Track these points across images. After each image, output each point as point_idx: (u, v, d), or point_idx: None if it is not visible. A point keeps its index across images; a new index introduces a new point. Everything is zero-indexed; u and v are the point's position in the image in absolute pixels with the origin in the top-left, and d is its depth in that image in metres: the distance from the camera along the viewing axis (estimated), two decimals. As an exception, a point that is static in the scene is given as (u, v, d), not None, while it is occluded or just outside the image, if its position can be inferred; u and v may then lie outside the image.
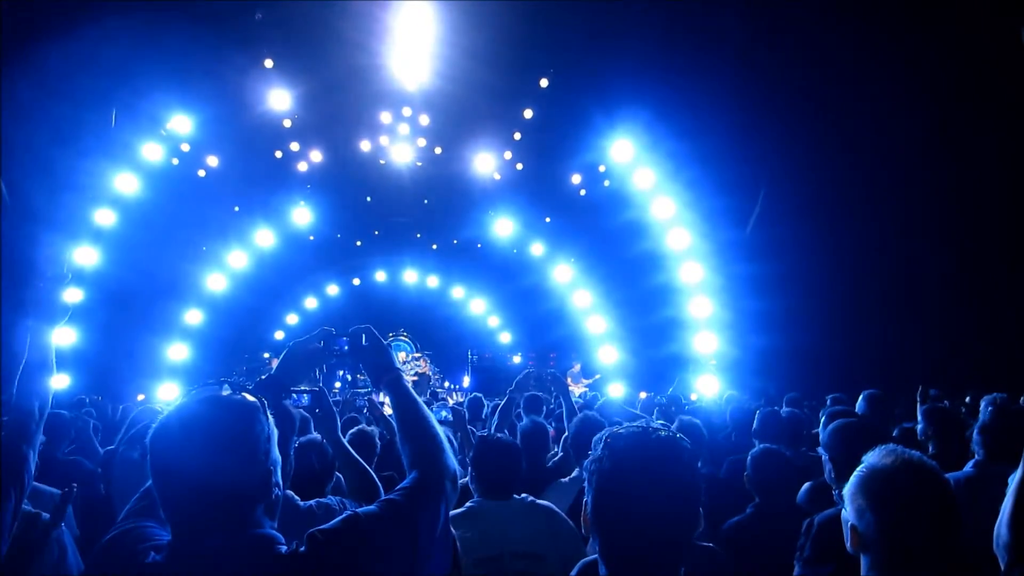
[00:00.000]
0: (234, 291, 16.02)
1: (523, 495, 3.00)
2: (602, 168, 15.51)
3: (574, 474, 3.68)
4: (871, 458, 1.82)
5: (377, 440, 4.16)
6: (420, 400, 1.85)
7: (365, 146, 15.28)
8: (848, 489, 1.82)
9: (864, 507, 1.75)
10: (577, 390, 14.20)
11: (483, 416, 6.63)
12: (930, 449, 3.91)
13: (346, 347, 1.95)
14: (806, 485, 3.49)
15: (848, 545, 1.80)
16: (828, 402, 6.10)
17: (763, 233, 13.20)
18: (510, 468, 3.00)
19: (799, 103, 11.86)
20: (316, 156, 15.32)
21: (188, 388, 1.57)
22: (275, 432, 1.52)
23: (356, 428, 4.09)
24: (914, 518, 1.69)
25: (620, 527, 1.44)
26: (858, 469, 1.83)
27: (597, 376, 14.83)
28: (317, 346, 1.96)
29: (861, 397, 4.60)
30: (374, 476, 2.59)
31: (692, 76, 12.13)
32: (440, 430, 1.77)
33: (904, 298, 11.98)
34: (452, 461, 1.70)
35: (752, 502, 3.40)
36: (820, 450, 2.91)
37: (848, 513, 1.80)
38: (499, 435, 3.21)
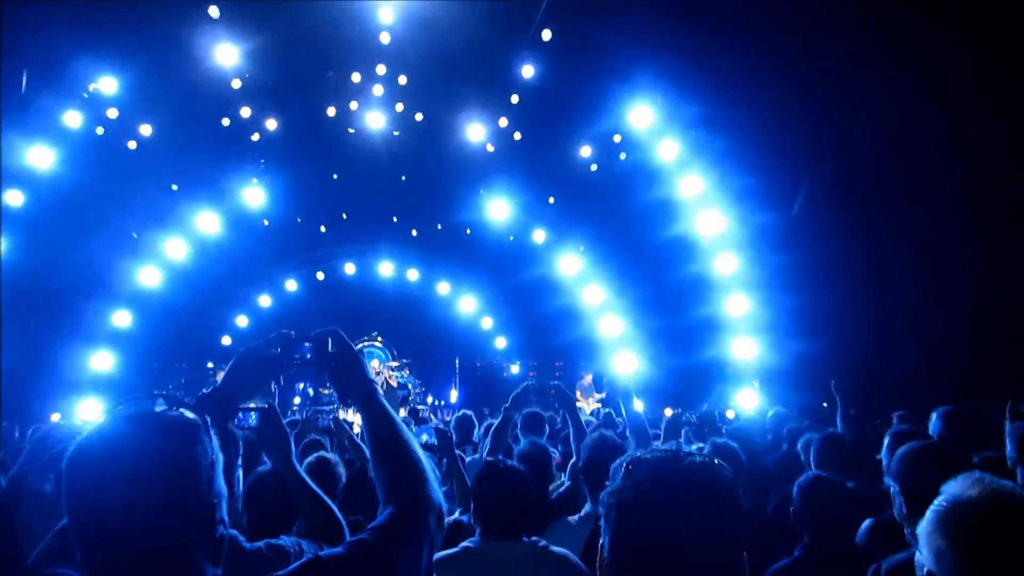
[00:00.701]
0: (171, 287, 15.98)
1: (534, 538, 2.97)
2: (617, 138, 15.49)
3: (585, 509, 3.64)
4: (952, 489, 1.79)
5: (341, 471, 4.12)
6: (398, 419, 1.82)
7: (331, 112, 15.24)
8: (924, 527, 1.80)
9: (944, 549, 1.73)
10: (587, 406, 14.18)
11: (474, 438, 6.62)
12: (1019, 477, 3.88)
13: (308, 354, 1.92)
14: (867, 522, 3.47)
15: (925, 596, 1.77)
16: (894, 421, 6.07)
17: (809, 218, 13.21)
18: (520, 502, 2.97)
19: (848, 65, 11.85)
20: (271, 124, 15.26)
21: (114, 405, 1.54)
22: (220, 457, 1.50)
23: (315, 456, 4.06)
24: (1007, 562, 1.66)
25: (645, 574, 1.41)
26: (936, 503, 1.80)
27: (612, 389, 14.84)
28: (273, 353, 1.93)
29: (935, 415, 4.58)
30: (337, 512, 2.57)
31: (724, 32, 12.12)
32: (423, 456, 1.74)
33: (979, 297, 11.99)
34: (437, 493, 1.68)
35: (801, 543, 3.38)
36: (887, 480, 2.88)
37: (924, 556, 1.78)
38: (509, 460, 3.18)
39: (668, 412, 10.78)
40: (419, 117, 15.50)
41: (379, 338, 19.45)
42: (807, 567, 3.27)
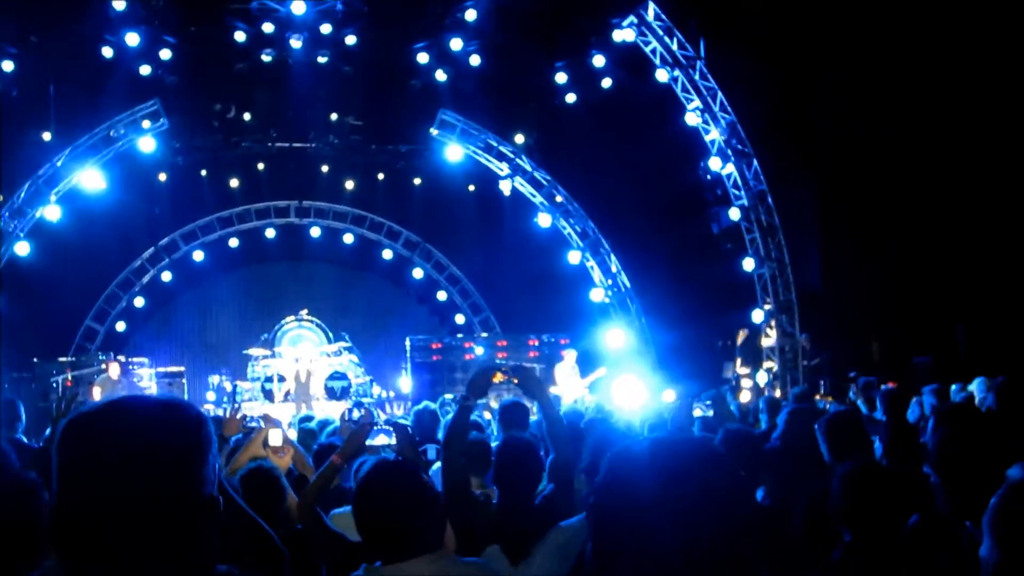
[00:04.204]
0: (45, 260, 15.77)
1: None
2: (600, 61, 15.47)
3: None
4: (1018, 474, 1.91)
5: (285, 483, 4.10)
6: None
7: (240, 37, 15.06)
8: (990, 519, 1.90)
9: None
10: (568, 391, 14.25)
11: (438, 435, 6.67)
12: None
13: None
14: (914, 518, 3.58)
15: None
16: (925, 397, 6.17)
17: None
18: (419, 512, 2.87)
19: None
20: (165, 54, 15.06)
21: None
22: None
23: (254, 464, 4.06)
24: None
25: None
26: (1004, 491, 1.91)
27: (602, 371, 14.89)
28: None
29: (977, 384, 4.64)
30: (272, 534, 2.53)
31: None
32: None
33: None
34: None
35: (841, 542, 3.47)
36: (926, 468, 2.96)
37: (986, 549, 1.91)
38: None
39: (669, 396, 10.92)
40: (352, 40, 15.37)
41: (309, 316, 19.34)
42: (859, 560, 3.35)
